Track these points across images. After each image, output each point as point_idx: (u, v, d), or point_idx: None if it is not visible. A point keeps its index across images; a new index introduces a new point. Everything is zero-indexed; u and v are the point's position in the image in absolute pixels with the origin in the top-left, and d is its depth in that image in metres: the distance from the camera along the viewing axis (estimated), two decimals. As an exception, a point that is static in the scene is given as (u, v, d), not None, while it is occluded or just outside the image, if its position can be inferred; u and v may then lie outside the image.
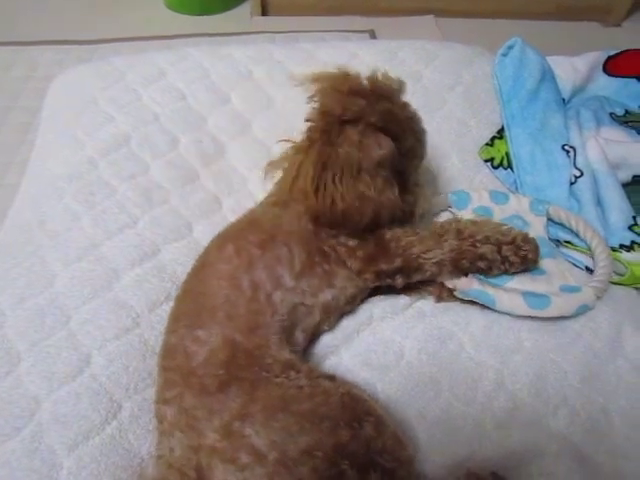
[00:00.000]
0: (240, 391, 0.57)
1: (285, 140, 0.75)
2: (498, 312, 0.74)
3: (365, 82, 0.70)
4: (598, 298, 0.75)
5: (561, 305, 0.73)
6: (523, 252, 0.74)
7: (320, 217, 0.68)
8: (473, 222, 0.77)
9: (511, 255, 0.74)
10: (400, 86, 0.72)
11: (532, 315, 0.73)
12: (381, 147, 0.68)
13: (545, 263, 0.80)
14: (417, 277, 0.72)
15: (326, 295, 0.70)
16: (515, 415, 0.67)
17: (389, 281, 0.71)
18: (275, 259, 0.67)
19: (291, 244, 0.69)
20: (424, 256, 0.70)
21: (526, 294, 0.74)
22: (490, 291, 0.74)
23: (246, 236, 0.70)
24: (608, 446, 0.65)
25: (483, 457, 0.64)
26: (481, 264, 0.73)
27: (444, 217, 0.89)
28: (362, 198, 0.66)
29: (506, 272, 0.75)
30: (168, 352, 0.64)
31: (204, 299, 0.65)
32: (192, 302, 0.67)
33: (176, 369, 0.61)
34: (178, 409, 0.58)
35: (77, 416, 0.62)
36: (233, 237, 0.72)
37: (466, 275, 0.75)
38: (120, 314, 0.71)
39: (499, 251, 0.73)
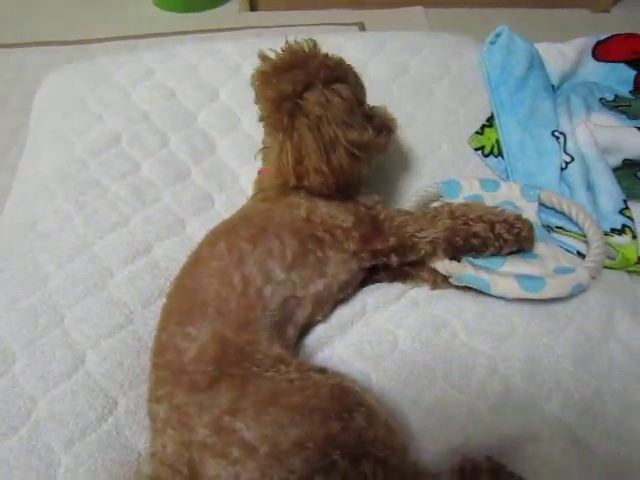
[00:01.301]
0: (230, 387, 0.57)
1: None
2: (490, 298, 0.74)
3: (284, 55, 0.73)
4: (593, 278, 0.75)
5: (555, 286, 0.73)
6: (516, 229, 0.76)
7: (333, 186, 0.71)
8: (465, 204, 0.78)
9: (504, 233, 0.75)
10: (313, 43, 0.75)
11: (527, 297, 0.73)
12: (343, 95, 0.72)
13: (538, 247, 0.81)
14: (412, 256, 0.73)
15: (317, 285, 0.70)
16: (509, 400, 0.67)
17: (384, 259, 0.73)
18: (266, 252, 0.68)
19: (282, 234, 0.69)
20: (418, 235, 0.71)
21: (520, 277, 0.74)
22: (484, 276, 0.74)
23: (237, 232, 0.70)
24: (602, 428, 0.66)
25: (478, 443, 0.64)
26: (475, 241, 0.74)
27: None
28: (362, 146, 0.71)
29: (501, 250, 0.76)
30: (159, 349, 0.64)
31: (195, 296, 0.66)
32: (183, 299, 0.67)
33: (166, 366, 0.61)
34: (169, 406, 0.58)
35: (73, 414, 0.63)
36: (225, 233, 0.72)
37: (459, 261, 0.75)
38: (113, 311, 0.72)
39: (492, 229, 0.74)
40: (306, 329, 0.73)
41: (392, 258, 0.72)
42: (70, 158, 0.91)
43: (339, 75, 0.74)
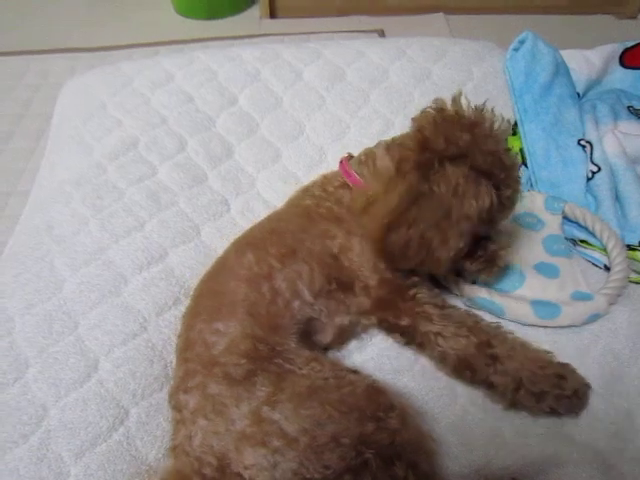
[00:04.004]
0: (266, 381, 0.57)
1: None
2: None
3: (471, 114, 0.64)
4: (611, 304, 0.73)
5: (571, 314, 0.71)
6: (546, 402, 0.63)
7: (379, 249, 0.64)
8: (512, 347, 0.64)
9: (525, 398, 0.63)
10: (507, 127, 0.65)
11: (541, 325, 0.72)
12: (479, 198, 0.60)
13: (560, 262, 0.78)
14: (416, 345, 0.68)
15: (343, 320, 0.69)
16: (534, 422, 0.64)
17: (392, 335, 0.70)
18: (295, 274, 0.66)
19: (312, 263, 0.67)
20: (432, 337, 0.64)
21: (535, 303, 0.72)
22: (498, 300, 0.72)
23: (267, 247, 0.68)
24: (633, 453, 0.62)
25: (501, 466, 0.61)
26: (485, 389, 0.65)
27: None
28: (436, 249, 0.61)
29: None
30: (187, 345, 0.64)
31: (222, 296, 0.65)
32: (209, 299, 0.67)
33: (196, 359, 0.61)
34: (203, 396, 0.57)
35: (84, 423, 0.62)
36: (253, 245, 0.70)
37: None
38: (127, 319, 0.71)
39: (516, 389, 0.62)
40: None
41: (397, 336, 0.69)
42: (88, 162, 0.91)
43: (502, 175, 0.63)
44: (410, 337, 0.67)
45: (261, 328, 0.62)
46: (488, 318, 0.69)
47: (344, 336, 0.71)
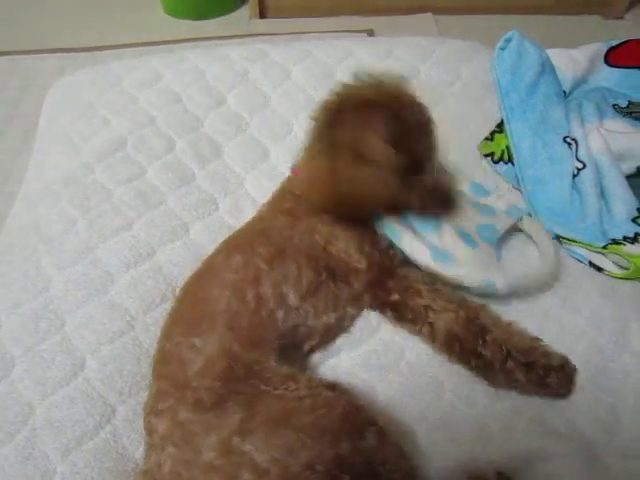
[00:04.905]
0: (238, 407, 0.55)
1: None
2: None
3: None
4: (511, 291, 0.71)
5: (465, 268, 0.70)
6: (539, 376, 0.64)
7: (331, 204, 0.68)
8: (498, 323, 0.67)
9: (518, 373, 0.64)
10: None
11: (432, 268, 0.70)
12: (375, 127, 0.67)
13: (483, 245, 0.76)
14: (407, 321, 0.70)
15: (330, 318, 0.69)
16: (519, 417, 0.65)
17: (383, 311, 0.72)
18: (282, 276, 0.66)
19: (300, 260, 0.68)
20: (422, 311, 0.67)
21: (434, 248, 0.71)
22: (398, 227, 0.72)
23: (255, 248, 0.68)
24: (617, 446, 0.63)
25: (487, 460, 0.62)
26: (475, 362, 0.65)
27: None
28: (369, 184, 0.66)
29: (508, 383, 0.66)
30: (162, 359, 0.63)
31: (204, 305, 0.64)
32: (191, 307, 0.66)
33: (169, 378, 0.59)
34: (172, 422, 0.56)
35: (71, 421, 0.61)
36: (241, 247, 0.70)
37: None
38: (114, 317, 0.71)
39: (504, 361, 0.63)
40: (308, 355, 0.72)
41: (387, 312, 0.71)
42: (76, 162, 0.90)
43: (395, 103, 0.70)
44: (401, 313, 0.69)
45: (240, 344, 0.60)
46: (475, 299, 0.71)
47: (331, 335, 0.71)
